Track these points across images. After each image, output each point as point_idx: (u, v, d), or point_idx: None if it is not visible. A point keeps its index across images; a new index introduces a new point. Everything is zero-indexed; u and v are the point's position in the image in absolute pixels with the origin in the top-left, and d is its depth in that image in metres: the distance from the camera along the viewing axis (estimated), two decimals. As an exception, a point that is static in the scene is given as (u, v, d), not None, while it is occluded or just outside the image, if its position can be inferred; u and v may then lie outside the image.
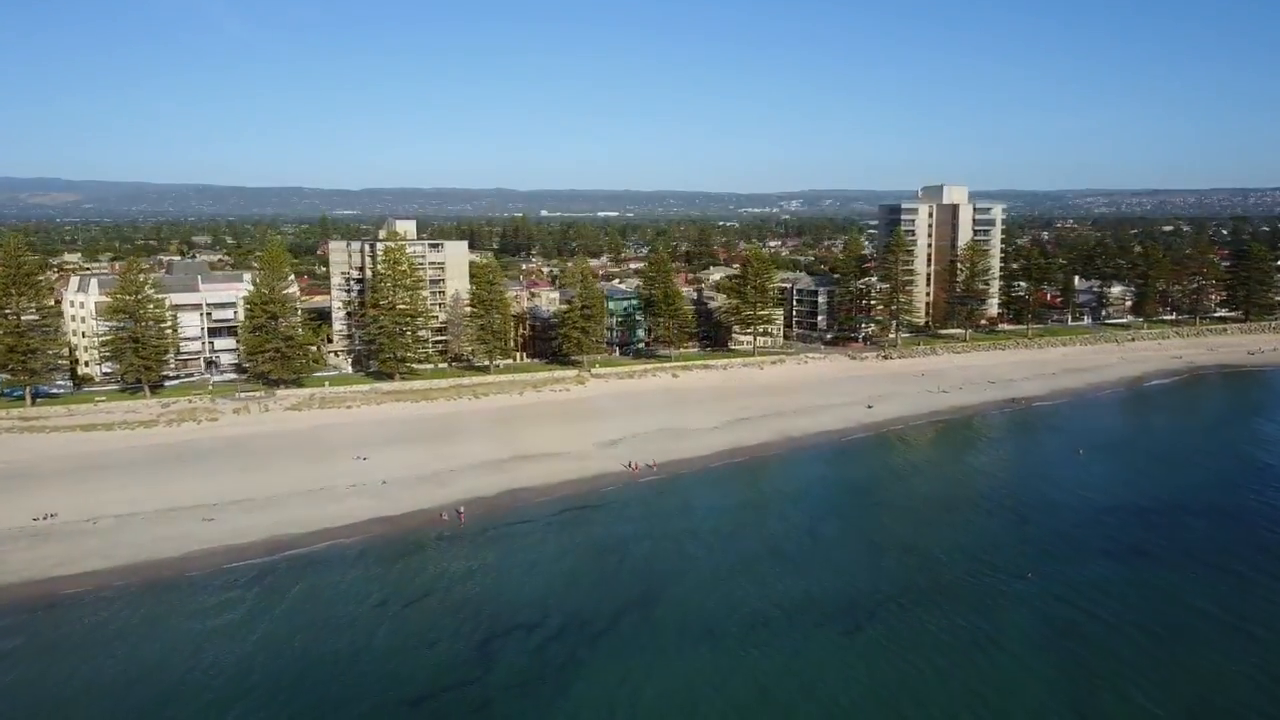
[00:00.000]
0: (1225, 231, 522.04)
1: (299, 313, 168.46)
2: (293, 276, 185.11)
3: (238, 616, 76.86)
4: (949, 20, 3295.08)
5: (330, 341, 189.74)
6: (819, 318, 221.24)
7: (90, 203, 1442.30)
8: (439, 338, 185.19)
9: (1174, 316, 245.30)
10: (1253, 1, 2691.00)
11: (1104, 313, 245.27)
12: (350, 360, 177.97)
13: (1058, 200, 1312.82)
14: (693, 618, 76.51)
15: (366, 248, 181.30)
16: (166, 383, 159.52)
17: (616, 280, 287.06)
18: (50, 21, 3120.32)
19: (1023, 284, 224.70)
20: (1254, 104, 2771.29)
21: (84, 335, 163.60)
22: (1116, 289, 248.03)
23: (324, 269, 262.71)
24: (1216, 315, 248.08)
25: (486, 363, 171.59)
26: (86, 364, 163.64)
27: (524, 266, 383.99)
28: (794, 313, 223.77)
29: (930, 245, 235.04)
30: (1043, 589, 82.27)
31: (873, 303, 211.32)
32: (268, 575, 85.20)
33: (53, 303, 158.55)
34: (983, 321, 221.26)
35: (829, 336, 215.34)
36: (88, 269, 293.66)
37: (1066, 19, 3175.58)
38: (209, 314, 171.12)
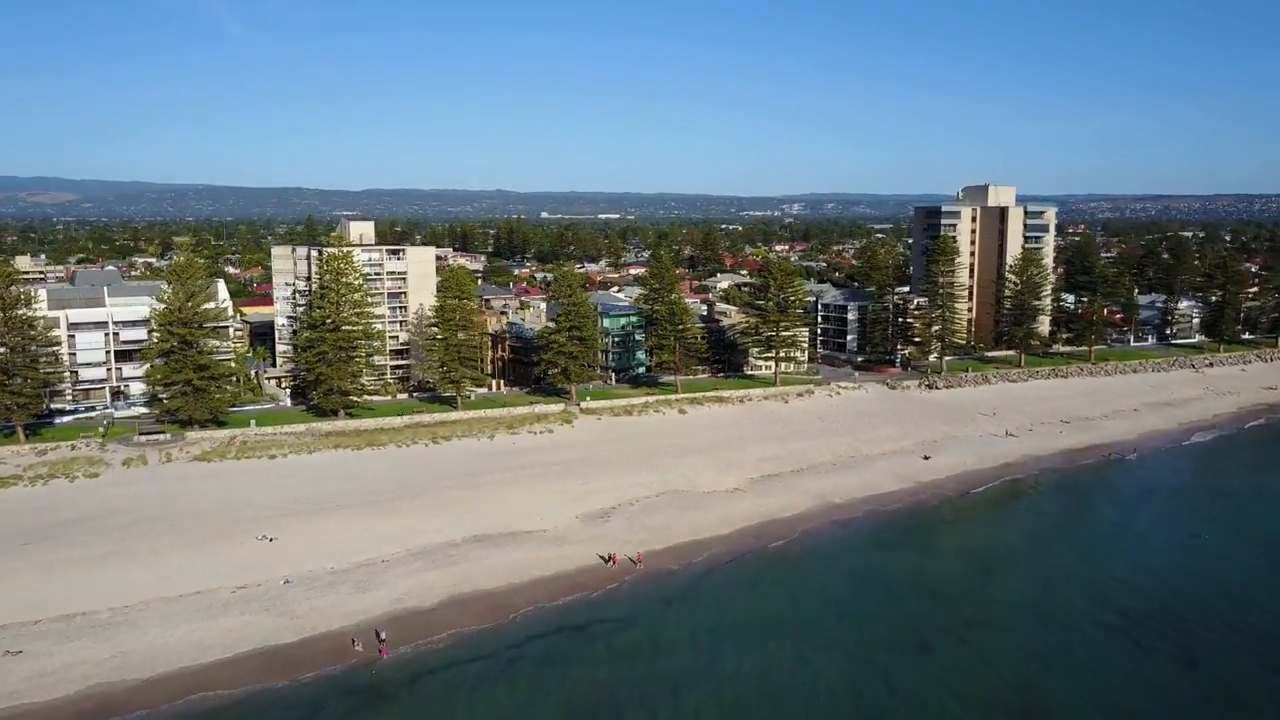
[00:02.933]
0: (1245, 238, 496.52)
1: (231, 333, 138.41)
2: (222, 286, 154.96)
3: None
4: (950, 25, 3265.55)
5: (274, 365, 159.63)
6: (848, 337, 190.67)
7: (89, 202, 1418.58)
8: (399, 362, 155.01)
9: (1247, 336, 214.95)
10: (1256, 5, 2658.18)
11: (1169, 331, 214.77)
12: (290, 391, 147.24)
13: (1061, 205, 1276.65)
14: None
15: (314, 254, 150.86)
16: (60, 418, 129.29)
17: (615, 288, 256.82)
18: (51, 21, 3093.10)
19: (1071, 298, 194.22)
20: (1259, 109, 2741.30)
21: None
22: (1184, 304, 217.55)
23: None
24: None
25: (454, 394, 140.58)
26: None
27: (516, 273, 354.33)
28: (819, 332, 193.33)
29: (974, 254, 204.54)
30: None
31: (911, 321, 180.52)
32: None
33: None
34: (1034, 342, 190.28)
35: (859, 359, 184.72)
36: (40, 274, 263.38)
37: (1069, 22, 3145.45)
38: (116, 334, 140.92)
